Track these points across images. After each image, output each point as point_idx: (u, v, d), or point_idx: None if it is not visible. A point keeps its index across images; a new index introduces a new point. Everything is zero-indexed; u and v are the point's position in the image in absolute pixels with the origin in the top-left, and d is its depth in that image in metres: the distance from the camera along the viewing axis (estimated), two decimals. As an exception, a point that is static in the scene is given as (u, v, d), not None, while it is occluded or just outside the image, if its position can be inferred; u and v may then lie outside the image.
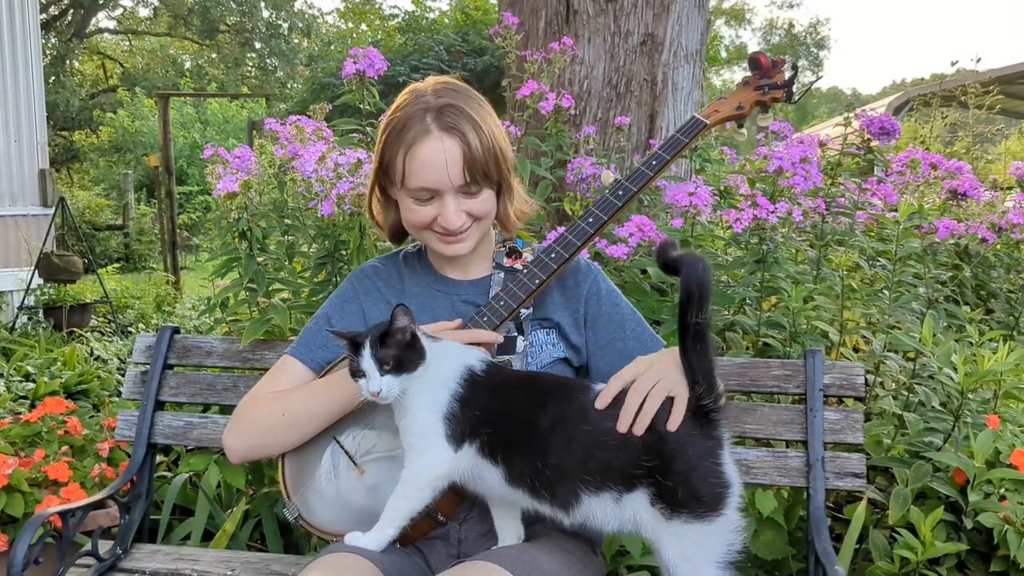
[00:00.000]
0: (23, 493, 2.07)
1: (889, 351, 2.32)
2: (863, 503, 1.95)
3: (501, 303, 1.47)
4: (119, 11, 24.61)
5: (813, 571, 1.54)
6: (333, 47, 23.75)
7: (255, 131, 7.55)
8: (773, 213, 2.21)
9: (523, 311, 1.50)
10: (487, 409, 1.29)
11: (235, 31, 23.49)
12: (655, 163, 1.60)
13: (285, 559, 1.78)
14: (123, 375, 3.19)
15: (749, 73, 1.73)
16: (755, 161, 2.61)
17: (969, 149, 7.04)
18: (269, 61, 23.88)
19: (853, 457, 1.64)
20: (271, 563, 1.74)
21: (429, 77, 1.51)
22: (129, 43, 25.60)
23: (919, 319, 2.36)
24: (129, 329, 6.16)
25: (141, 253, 12.57)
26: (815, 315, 2.34)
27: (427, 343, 1.31)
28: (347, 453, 1.46)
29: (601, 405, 1.26)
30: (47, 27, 20.79)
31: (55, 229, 6.65)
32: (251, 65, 24.55)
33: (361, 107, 2.52)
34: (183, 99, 18.34)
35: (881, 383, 2.39)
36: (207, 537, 2.22)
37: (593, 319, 1.53)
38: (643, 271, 2.39)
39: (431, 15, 18.32)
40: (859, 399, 1.83)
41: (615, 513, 1.24)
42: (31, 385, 3.61)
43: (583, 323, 1.53)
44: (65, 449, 2.26)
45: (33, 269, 6.27)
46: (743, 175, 2.83)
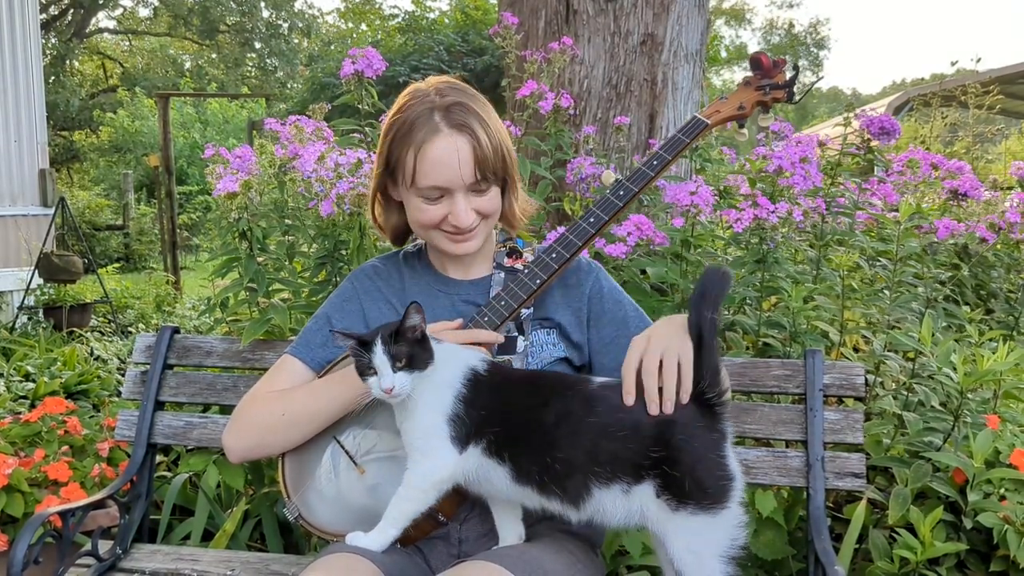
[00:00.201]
0: (23, 493, 2.07)
1: (889, 351, 2.32)
2: (863, 503, 1.95)
3: (502, 303, 1.47)
4: (119, 11, 24.65)
5: (813, 571, 1.54)
6: (333, 47, 23.77)
7: (255, 131, 7.56)
8: (773, 213, 2.21)
9: (524, 311, 1.50)
10: (491, 408, 1.29)
11: (235, 31, 23.49)
12: (656, 163, 1.60)
13: (285, 559, 1.78)
14: (123, 375, 3.19)
15: (750, 73, 1.73)
16: (755, 161, 2.61)
17: (969, 149, 7.04)
18: (269, 61, 23.89)
19: (853, 457, 1.64)
20: (271, 563, 1.74)
21: (429, 77, 1.51)
22: (129, 43, 25.61)
23: (919, 319, 2.36)
24: (129, 329, 6.16)
25: (141, 253, 12.58)
26: (815, 315, 2.34)
27: (432, 345, 1.31)
28: (347, 453, 1.46)
29: (630, 401, 1.26)
30: (47, 27, 20.79)
31: (55, 229, 6.65)
32: (251, 65, 24.55)
33: (360, 107, 2.52)
34: (183, 99, 18.34)
35: (881, 383, 2.39)
36: (207, 537, 2.22)
37: (596, 317, 1.53)
38: (643, 271, 2.39)
39: (431, 15, 18.33)
40: (859, 399, 1.84)
41: (624, 505, 1.25)
42: (31, 385, 3.61)
43: (585, 321, 1.54)
44: (65, 449, 2.26)
45: (33, 269, 6.27)
46: (743, 175, 2.83)
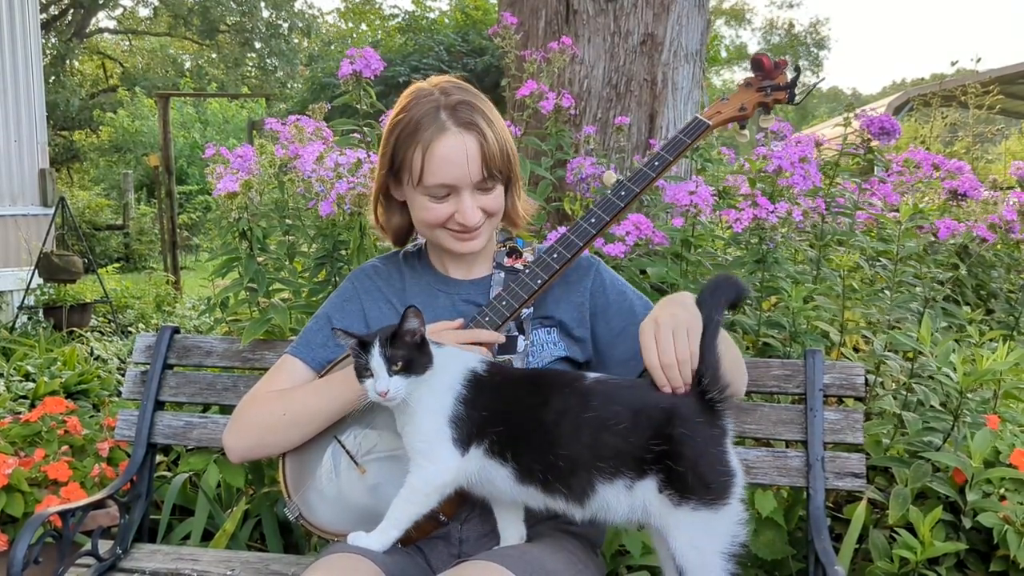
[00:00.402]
0: (23, 493, 2.07)
1: (889, 351, 2.32)
2: (863, 503, 1.95)
3: (503, 303, 1.47)
4: (119, 11, 24.65)
5: (813, 571, 1.54)
6: (333, 47, 23.77)
7: (255, 131, 7.56)
8: (773, 213, 2.22)
9: (524, 310, 1.50)
10: (492, 409, 1.29)
11: (235, 31, 23.49)
12: (658, 164, 1.60)
13: (285, 559, 1.78)
14: (123, 375, 3.19)
15: (751, 74, 1.73)
16: (755, 161, 2.61)
17: (969, 149, 7.04)
18: (269, 61, 23.89)
19: (853, 457, 1.64)
20: (271, 563, 1.74)
21: (431, 77, 1.51)
22: (129, 43, 25.61)
23: (919, 319, 2.36)
24: (129, 329, 6.16)
25: (141, 253, 12.57)
26: (815, 315, 2.34)
27: (431, 348, 1.31)
28: (348, 452, 1.46)
29: (668, 389, 1.27)
30: (47, 27, 20.79)
31: (55, 229, 6.65)
32: (251, 65, 24.55)
33: (359, 107, 2.52)
34: (183, 99, 18.34)
35: (881, 383, 2.39)
36: (207, 537, 2.22)
37: (602, 310, 1.53)
38: (642, 271, 2.39)
39: (431, 15, 18.32)
40: (859, 399, 1.84)
41: (627, 501, 1.25)
42: (31, 385, 3.61)
43: (588, 316, 1.54)
44: (65, 449, 2.26)
45: (33, 269, 6.27)
46: (743, 175, 2.83)
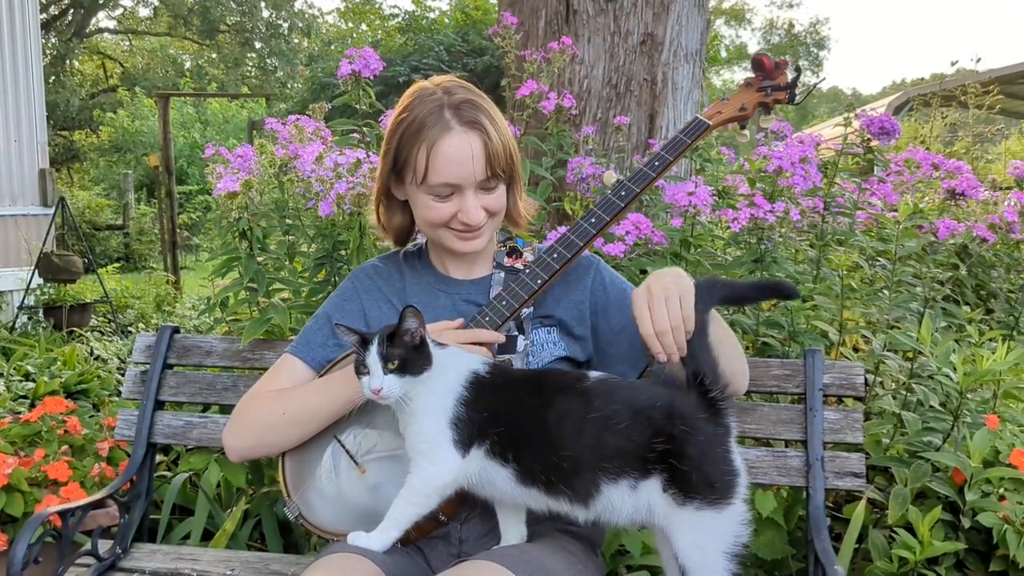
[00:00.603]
0: (23, 493, 2.07)
1: (888, 351, 2.32)
2: (862, 503, 1.95)
3: (503, 302, 1.47)
4: (119, 11, 24.65)
5: (813, 571, 1.54)
6: (333, 47, 23.77)
7: (255, 131, 7.56)
8: (771, 212, 2.22)
9: (524, 310, 1.50)
10: (493, 410, 1.29)
11: (235, 31, 23.49)
12: (658, 164, 1.60)
13: (285, 559, 1.78)
14: (123, 375, 3.19)
15: (751, 74, 1.73)
16: (755, 161, 2.61)
17: (969, 149, 7.04)
18: (269, 61, 23.89)
19: (852, 457, 1.64)
20: (271, 563, 1.74)
21: (433, 77, 1.52)
22: (129, 43, 25.61)
23: (918, 319, 2.36)
24: (129, 329, 6.16)
25: (141, 253, 12.57)
26: (814, 315, 2.34)
27: (433, 349, 1.31)
28: (348, 452, 1.46)
29: (664, 357, 1.29)
30: (47, 27, 20.79)
31: (55, 229, 6.65)
32: (251, 65, 24.55)
33: (358, 107, 2.52)
34: (183, 99, 18.34)
35: (880, 383, 2.39)
36: (207, 537, 2.22)
37: (603, 308, 1.53)
38: (642, 271, 2.39)
39: (431, 15, 18.32)
40: (859, 399, 1.83)
41: (631, 502, 1.24)
42: (31, 385, 3.61)
43: (589, 315, 1.54)
44: (65, 449, 2.26)
45: (33, 269, 6.27)
46: (743, 175, 2.83)
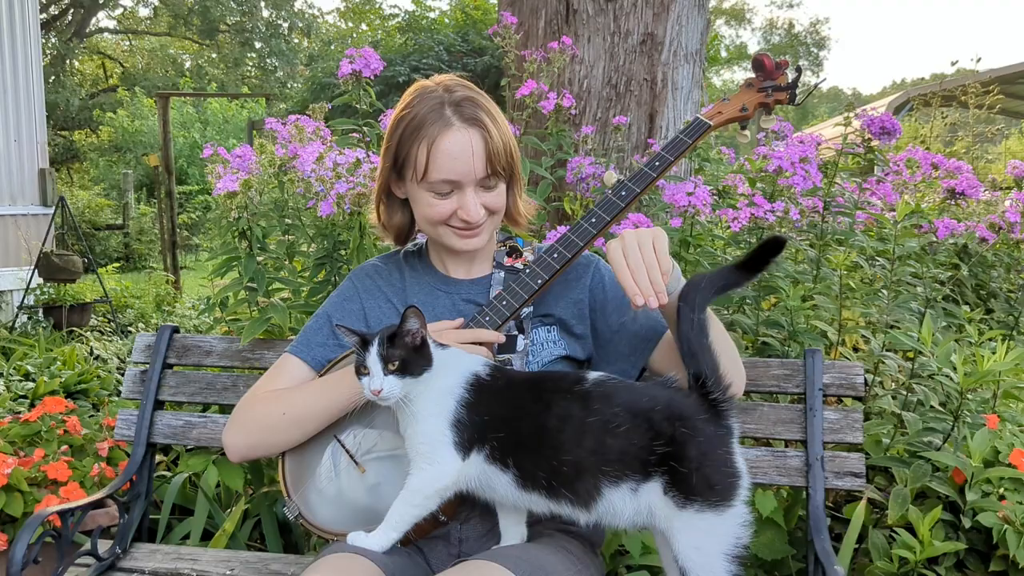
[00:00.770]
0: (23, 492, 2.07)
1: (888, 351, 2.32)
2: (862, 503, 1.95)
3: (503, 302, 1.47)
4: (119, 11, 24.65)
5: (813, 571, 1.54)
6: (333, 47, 23.76)
7: (255, 131, 7.56)
8: (771, 212, 2.22)
9: (524, 309, 1.50)
10: (494, 414, 1.29)
11: (235, 31, 23.50)
12: (658, 164, 1.60)
13: (284, 559, 1.78)
14: (123, 374, 3.19)
15: (752, 74, 1.73)
16: (755, 161, 2.61)
17: (969, 149, 7.04)
18: (269, 61, 23.89)
19: (852, 457, 1.64)
20: (270, 563, 1.74)
21: (434, 75, 1.52)
22: (129, 43, 25.61)
23: (918, 319, 2.36)
24: (129, 328, 6.16)
25: (141, 253, 12.57)
26: (814, 314, 2.34)
27: (434, 350, 1.31)
28: (348, 452, 1.46)
29: (640, 303, 1.26)
30: (47, 27, 20.80)
31: (55, 228, 6.65)
32: (251, 65, 24.55)
33: (358, 107, 2.52)
34: (183, 99, 18.34)
35: (880, 383, 2.39)
36: (206, 537, 2.22)
37: (601, 305, 1.54)
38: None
39: (431, 15, 18.31)
40: (858, 399, 1.83)
41: (632, 504, 1.24)
42: (31, 384, 3.61)
43: (588, 313, 1.54)
44: (64, 448, 2.26)
45: (33, 268, 6.27)
46: (742, 175, 2.83)
